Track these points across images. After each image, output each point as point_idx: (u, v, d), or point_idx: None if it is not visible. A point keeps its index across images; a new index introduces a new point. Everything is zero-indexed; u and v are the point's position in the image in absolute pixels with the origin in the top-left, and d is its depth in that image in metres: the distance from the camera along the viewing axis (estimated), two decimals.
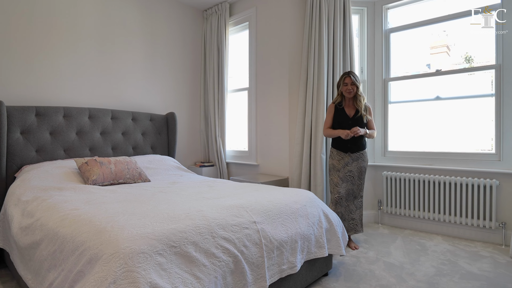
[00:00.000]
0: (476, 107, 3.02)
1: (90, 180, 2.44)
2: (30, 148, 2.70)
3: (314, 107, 3.26)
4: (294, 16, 3.42)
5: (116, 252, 1.20)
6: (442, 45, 3.35)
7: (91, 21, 3.24)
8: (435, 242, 2.88)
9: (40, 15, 2.91)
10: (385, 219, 3.45)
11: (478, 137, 3.02)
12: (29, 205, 1.99)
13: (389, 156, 3.44)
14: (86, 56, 3.21)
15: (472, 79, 3.09)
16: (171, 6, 3.99)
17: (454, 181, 2.95)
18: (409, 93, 3.41)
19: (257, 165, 3.80)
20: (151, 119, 3.62)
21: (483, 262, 2.41)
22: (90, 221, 1.49)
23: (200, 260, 1.36)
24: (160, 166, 3.18)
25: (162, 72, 3.90)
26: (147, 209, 1.65)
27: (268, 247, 1.67)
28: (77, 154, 2.97)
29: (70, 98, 3.11)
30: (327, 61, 3.24)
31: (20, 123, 2.64)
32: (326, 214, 2.16)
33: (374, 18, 3.50)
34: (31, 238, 1.70)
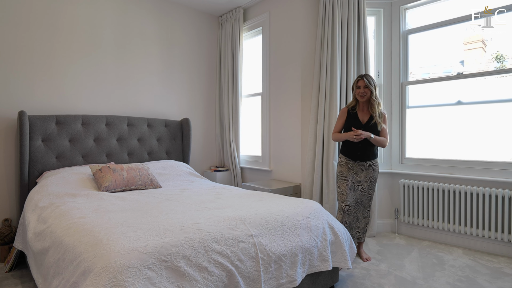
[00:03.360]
0: (502, 112, 2.82)
1: (103, 187, 2.54)
2: (50, 155, 2.85)
3: (327, 113, 3.19)
4: (307, 20, 3.37)
5: (107, 266, 1.23)
6: (477, 40, 3.11)
7: (109, 31, 3.38)
8: (454, 255, 2.72)
9: (62, 28, 3.07)
10: (402, 229, 3.31)
11: (502, 145, 2.81)
12: (44, 211, 2.10)
13: (407, 164, 3.30)
14: (104, 66, 3.35)
15: (498, 82, 2.88)
16: (187, 13, 4.06)
17: (476, 191, 2.77)
18: (428, 97, 3.24)
19: (270, 171, 3.78)
20: (166, 125, 3.70)
21: (505, 281, 2.25)
22: (91, 231, 1.55)
23: (191, 275, 1.37)
24: (173, 172, 3.25)
25: (178, 78, 3.99)
26: (147, 220, 1.69)
27: (265, 260, 1.65)
28: (94, 160, 3.10)
29: (88, 106, 3.25)
30: (340, 65, 3.16)
31: (41, 131, 2.80)
32: (331, 226, 2.11)
33: (391, 19, 3.36)
34: (42, 244, 1.79)
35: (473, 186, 2.83)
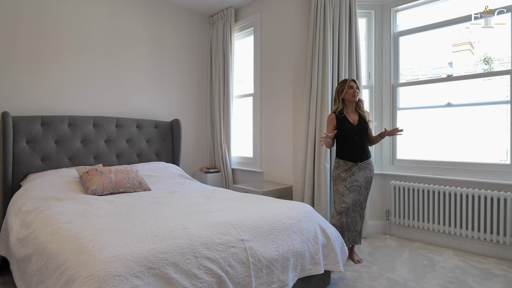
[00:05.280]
0: (490, 114, 2.85)
1: (90, 190, 2.47)
2: (35, 157, 2.77)
3: (318, 114, 3.17)
4: (299, 21, 3.35)
5: (92, 275, 1.19)
6: (465, 43, 3.15)
7: (97, 30, 3.30)
8: (445, 257, 2.73)
9: (47, 25, 2.98)
10: (393, 230, 3.32)
11: (492, 146, 2.85)
12: (28, 215, 2.03)
13: (398, 165, 3.31)
14: (92, 65, 3.27)
15: (487, 84, 2.91)
16: (177, 13, 4.00)
17: (466, 193, 2.80)
18: (419, 99, 3.26)
19: (262, 172, 3.75)
20: (156, 126, 3.64)
21: (494, 282, 2.26)
22: (76, 237, 1.49)
23: (180, 282, 1.33)
24: (163, 174, 3.19)
25: (168, 78, 3.93)
26: (134, 225, 1.64)
27: (256, 266, 1.62)
28: (82, 162, 3.02)
29: (75, 107, 3.17)
30: (331, 66, 3.15)
31: (25, 132, 2.71)
32: (323, 228, 2.09)
33: (382, 21, 3.37)
34: (25, 250, 1.72)
35: (463, 187, 2.85)
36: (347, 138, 2.60)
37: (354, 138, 2.59)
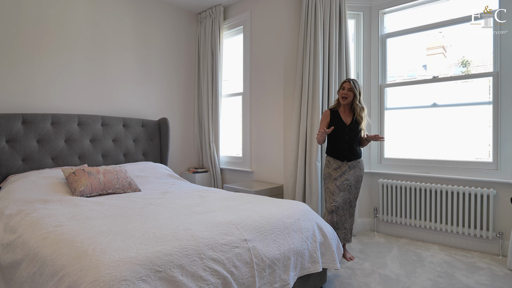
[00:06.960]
0: (473, 114, 2.98)
1: (78, 191, 2.36)
2: (16, 157, 2.61)
3: (309, 113, 3.20)
4: (289, 20, 3.36)
5: (96, 280, 1.13)
6: (438, 46, 3.30)
7: (81, 26, 3.16)
8: (432, 252, 2.83)
9: (28, 19, 2.82)
10: (381, 227, 3.40)
11: (475, 145, 2.98)
12: (12, 219, 1.91)
13: (385, 164, 3.39)
14: (76, 62, 3.13)
15: (469, 86, 3.05)
16: (164, 10, 3.91)
17: (451, 190, 2.91)
18: (405, 99, 3.36)
19: (252, 172, 3.73)
20: (143, 125, 3.54)
21: (480, 274, 2.37)
22: (72, 241, 1.42)
23: (186, 284, 1.29)
24: (152, 174, 3.11)
25: (155, 76, 3.83)
26: (133, 227, 1.58)
27: (260, 266, 1.61)
28: (65, 162, 2.89)
29: (59, 104, 3.02)
30: (322, 66, 3.18)
31: (5, 131, 2.56)
32: (320, 227, 2.10)
33: (371, 23, 3.44)
34: (12, 256, 1.62)
35: (448, 185, 2.96)
36: (337, 136, 2.64)
37: (345, 137, 2.63)
